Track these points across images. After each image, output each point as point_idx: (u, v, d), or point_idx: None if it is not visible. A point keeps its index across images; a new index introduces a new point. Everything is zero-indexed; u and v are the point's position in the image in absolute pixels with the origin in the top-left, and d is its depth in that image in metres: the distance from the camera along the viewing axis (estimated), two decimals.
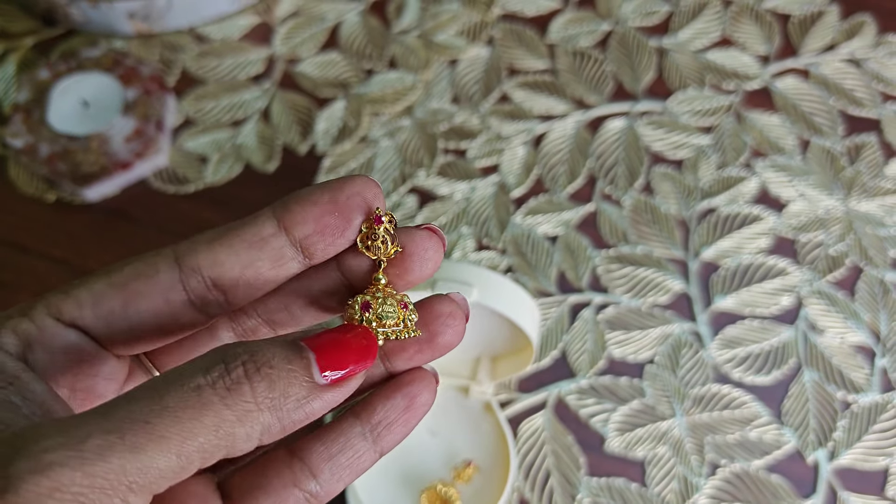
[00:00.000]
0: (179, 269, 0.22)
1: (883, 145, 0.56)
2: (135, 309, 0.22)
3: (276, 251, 0.22)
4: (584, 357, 0.48)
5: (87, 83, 0.55)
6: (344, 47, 0.60)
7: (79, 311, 0.22)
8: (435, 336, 0.24)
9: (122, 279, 0.22)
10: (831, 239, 0.52)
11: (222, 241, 0.22)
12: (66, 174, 0.52)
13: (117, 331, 0.22)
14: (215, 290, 0.23)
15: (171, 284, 0.22)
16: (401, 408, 0.24)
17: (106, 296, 0.22)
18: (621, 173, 0.55)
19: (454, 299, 0.24)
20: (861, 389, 0.47)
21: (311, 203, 0.22)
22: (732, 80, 0.58)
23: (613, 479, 0.45)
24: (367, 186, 0.23)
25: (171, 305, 0.22)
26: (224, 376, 0.19)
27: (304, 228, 0.22)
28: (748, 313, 0.50)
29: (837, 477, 0.45)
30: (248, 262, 0.22)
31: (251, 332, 0.25)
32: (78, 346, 0.22)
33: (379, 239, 0.22)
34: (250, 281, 0.22)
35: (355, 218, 0.22)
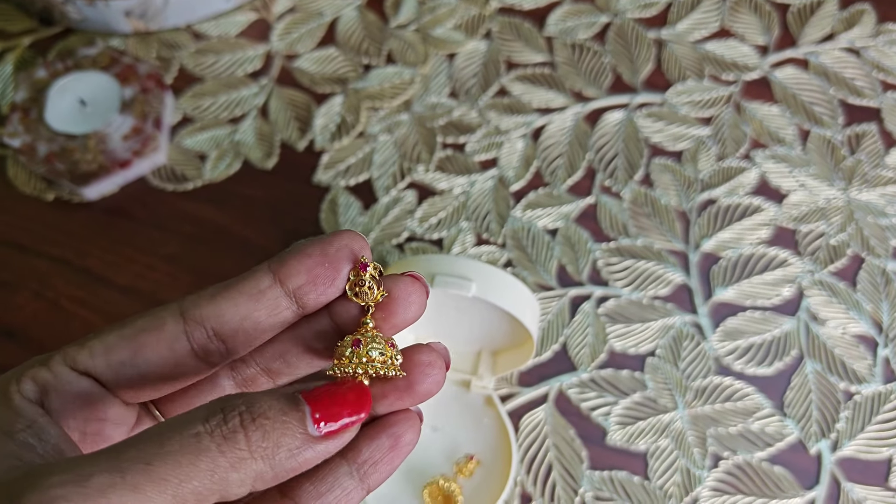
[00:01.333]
0: (184, 321, 0.24)
1: (883, 134, 0.55)
2: (143, 358, 0.24)
3: (273, 302, 0.24)
4: (585, 350, 0.48)
5: (85, 82, 0.54)
6: (341, 42, 0.60)
7: (91, 360, 0.24)
8: (414, 384, 0.25)
9: (131, 332, 0.24)
10: (832, 229, 0.52)
11: (223, 294, 0.24)
12: (65, 173, 0.52)
13: (126, 378, 0.24)
14: (217, 340, 0.24)
15: (176, 335, 0.24)
16: (386, 447, 0.25)
17: (117, 347, 0.24)
18: (621, 166, 0.54)
19: (434, 348, 0.25)
20: (863, 380, 0.47)
21: (304, 256, 0.24)
22: (732, 70, 0.58)
23: (615, 472, 0.45)
24: (353, 239, 0.25)
25: (176, 355, 0.24)
26: (221, 425, 0.21)
27: (298, 279, 0.24)
28: (749, 304, 0.50)
29: (840, 468, 0.45)
30: (247, 312, 0.24)
31: (250, 380, 0.27)
32: (89, 393, 0.24)
33: (366, 285, 0.24)
34: (249, 330, 0.24)
35: (343, 268, 0.25)
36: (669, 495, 0.44)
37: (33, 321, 0.50)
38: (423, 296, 0.25)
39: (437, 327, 0.46)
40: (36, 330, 0.49)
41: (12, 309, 0.50)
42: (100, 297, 0.50)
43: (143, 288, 0.51)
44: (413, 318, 0.26)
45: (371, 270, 0.24)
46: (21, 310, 0.50)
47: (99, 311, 0.50)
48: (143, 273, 0.51)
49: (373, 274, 0.24)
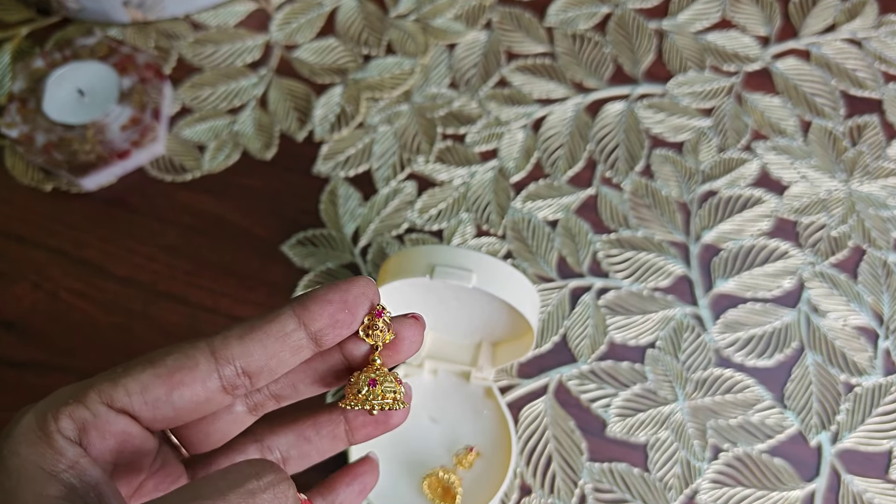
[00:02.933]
0: (216, 360, 0.26)
1: (885, 126, 0.55)
2: (178, 395, 0.26)
3: (296, 343, 0.27)
4: (585, 342, 0.48)
5: (83, 72, 0.54)
6: (341, 33, 0.59)
7: (128, 398, 0.26)
8: (388, 418, 0.30)
9: (166, 371, 0.26)
10: (833, 221, 0.52)
11: (252, 336, 0.27)
12: (63, 163, 0.52)
13: (160, 414, 0.26)
14: (244, 376, 0.27)
15: (209, 374, 0.26)
16: (356, 492, 0.32)
17: (152, 385, 0.26)
18: (621, 157, 0.54)
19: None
20: (864, 372, 0.47)
21: (326, 302, 0.27)
22: (733, 61, 0.58)
23: (615, 463, 0.45)
24: (368, 286, 0.28)
25: (208, 391, 0.26)
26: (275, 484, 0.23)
27: (320, 323, 0.27)
28: (750, 296, 0.50)
29: (840, 460, 0.45)
30: (273, 353, 0.27)
31: (260, 405, 0.30)
32: (126, 430, 0.26)
33: (378, 328, 0.27)
34: (273, 368, 0.27)
35: (360, 313, 0.27)
36: (669, 487, 0.44)
37: (32, 312, 0.50)
38: (421, 333, 0.29)
39: (437, 318, 0.46)
40: (35, 321, 0.49)
41: (11, 300, 0.50)
42: (98, 287, 0.50)
43: (143, 279, 0.50)
44: (413, 353, 0.29)
45: (385, 317, 0.27)
46: (19, 301, 0.50)
47: (98, 302, 0.50)
48: (142, 264, 0.51)
49: (385, 320, 0.27)
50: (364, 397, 0.28)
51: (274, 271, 0.51)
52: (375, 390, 0.27)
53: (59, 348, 0.48)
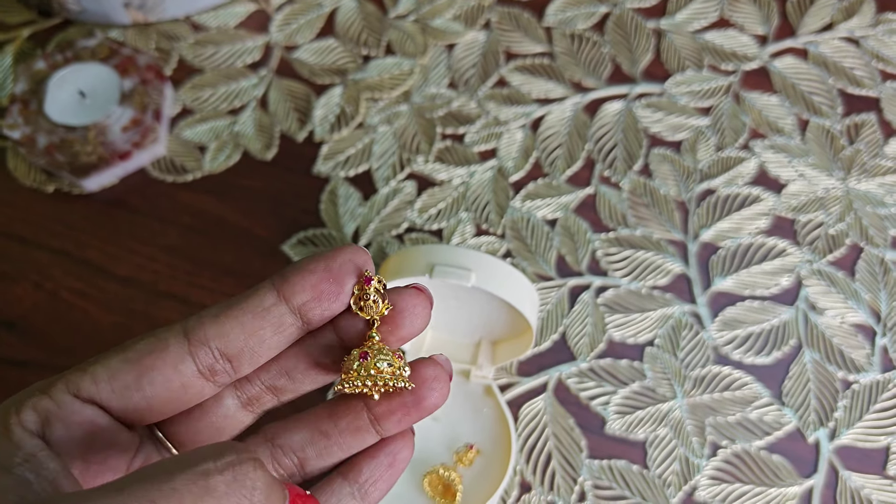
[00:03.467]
0: (188, 341, 0.24)
1: (882, 124, 0.55)
2: (148, 381, 0.24)
3: (277, 319, 0.24)
4: (585, 340, 0.48)
5: (84, 74, 0.54)
6: (340, 33, 0.60)
7: (95, 386, 0.24)
8: (421, 399, 0.25)
9: (135, 355, 0.24)
10: (831, 219, 0.52)
11: (228, 313, 0.24)
12: (65, 165, 0.52)
13: (132, 403, 0.24)
14: (222, 360, 0.24)
15: (181, 356, 0.24)
16: (384, 465, 0.27)
17: (121, 371, 0.24)
18: (620, 156, 0.54)
19: (438, 361, 0.26)
20: (862, 369, 0.47)
21: (307, 272, 0.24)
22: (731, 60, 0.58)
23: (615, 460, 0.45)
24: (356, 253, 0.25)
25: (182, 376, 0.24)
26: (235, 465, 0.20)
27: (302, 296, 0.24)
28: (748, 294, 0.50)
29: (838, 456, 0.45)
30: (252, 330, 0.24)
31: (255, 399, 0.27)
32: (94, 421, 0.24)
33: (370, 299, 0.24)
34: (254, 348, 0.24)
35: (348, 282, 0.25)
36: (668, 484, 0.45)
37: (33, 312, 0.50)
38: (427, 307, 0.26)
39: (437, 317, 0.46)
40: (36, 321, 0.50)
41: (12, 300, 0.50)
42: (100, 288, 0.51)
43: (144, 279, 0.51)
44: (418, 330, 0.26)
45: (375, 284, 0.24)
46: (21, 301, 0.50)
47: (99, 303, 0.50)
48: (143, 264, 0.51)
49: (377, 287, 0.24)
50: (356, 373, 0.24)
51: (274, 271, 0.51)
52: (367, 364, 0.24)
53: (61, 348, 0.49)
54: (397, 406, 0.26)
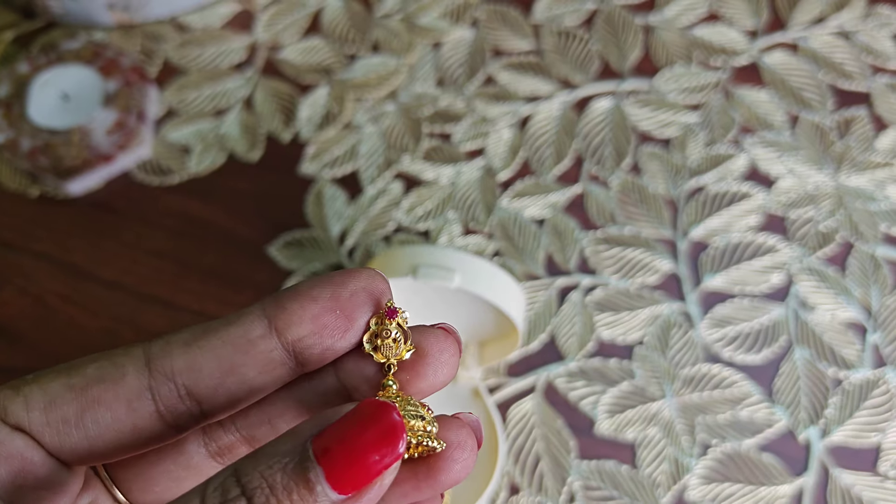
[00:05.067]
0: (149, 373, 0.20)
1: (873, 118, 0.55)
2: (92, 418, 0.20)
3: (265, 356, 0.20)
4: (573, 340, 0.48)
5: (67, 76, 0.54)
6: (326, 33, 0.59)
7: (26, 413, 0.19)
8: (438, 471, 0.19)
9: (82, 381, 0.20)
10: (821, 215, 0.51)
11: (201, 342, 0.20)
12: (49, 168, 0.51)
13: (69, 443, 0.20)
14: (189, 400, 0.20)
15: (138, 392, 0.20)
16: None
17: (61, 399, 0.20)
18: (608, 154, 0.54)
19: (465, 423, 0.20)
20: (853, 366, 0.47)
21: (308, 299, 0.19)
22: (720, 55, 0.57)
23: (604, 461, 0.45)
24: (373, 280, 0.20)
25: (136, 416, 0.20)
26: None
27: (300, 329, 0.19)
28: (738, 292, 0.49)
29: (829, 454, 0.45)
30: (231, 368, 0.20)
31: (227, 450, 0.22)
32: (24, 455, 0.20)
33: (390, 337, 0.20)
34: (232, 390, 0.20)
35: (360, 317, 0.20)
36: (658, 484, 0.44)
37: (19, 317, 0.50)
38: (456, 354, 0.21)
39: (423, 319, 0.46)
40: (21, 326, 0.49)
41: None
42: (85, 292, 0.50)
43: (129, 282, 0.50)
44: (443, 383, 0.21)
45: (399, 320, 0.20)
46: (6, 306, 0.50)
47: (84, 307, 0.50)
48: (128, 268, 0.51)
49: (400, 323, 0.20)
50: None
51: (261, 273, 0.50)
52: None
53: (46, 353, 0.48)
54: (404, 478, 0.19)
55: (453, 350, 0.21)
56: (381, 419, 0.17)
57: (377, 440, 0.17)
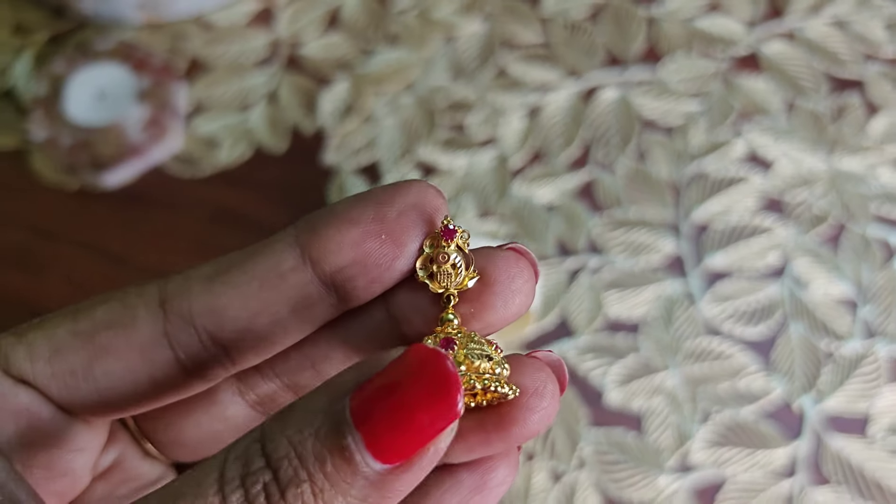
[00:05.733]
0: (165, 316, 0.17)
1: (865, 104, 0.58)
2: (102, 369, 0.17)
3: (299, 290, 0.17)
4: (583, 316, 0.51)
5: (102, 74, 0.57)
6: (345, 28, 0.62)
7: (30, 364, 0.17)
8: (511, 423, 0.16)
9: (89, 326, 0.17)
10: (815, 197, 0.55)
11: (223, 277, 0.17)
12: (87, 163, 0.55)
13: (78, 395, 0.17)
14: (213, 346, 0.17)
15: (152, 338, 0.17)
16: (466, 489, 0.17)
17: (67, 348, 0.17)
18: (614, 141, 0.57)
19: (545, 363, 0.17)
20: (844, 338, 0.50)
21: (348, 223, 0.17)
22: (720, 45, 0.60)
23: (612, 429, 0.49)
24: (425, 193, 0.17)
25: (152, 366, 0.17)
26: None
27: (339, 258, 0.17)
28: (737, 270, 0.53)
29: (821, 420, 0.48)
30: (260, 307, 0.17)
31: (268, 399, 0.19)
32: (30, 410, 0.17)
33: (449, 261, 0.16)
34: (262, 333, 0.17)
35: (411, 240, 0.17)
36: (662, 449, 0.48)
37: (65, 303, 0.53)
38: (531, 281, 0.17)
39: None
40: None
41: (43, 293, 0.53)
42: (125, 279, 0.54)
43: (165, 268, 0.54)
44: (515, 315, 0.17)
45: (459, 241, 0.17)
46: (51, 293, 0.53)
47: None
48: (163, 254, 0.54)
49: (460, 245, 0.17)
50: None
51: None
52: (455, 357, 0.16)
53: None
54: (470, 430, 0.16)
55: (527, 275, 0.17)
56: (432, 370, 0.14)
57: (428, 397, 0.14)
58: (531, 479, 0.47)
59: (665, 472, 0.47)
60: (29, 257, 0.55)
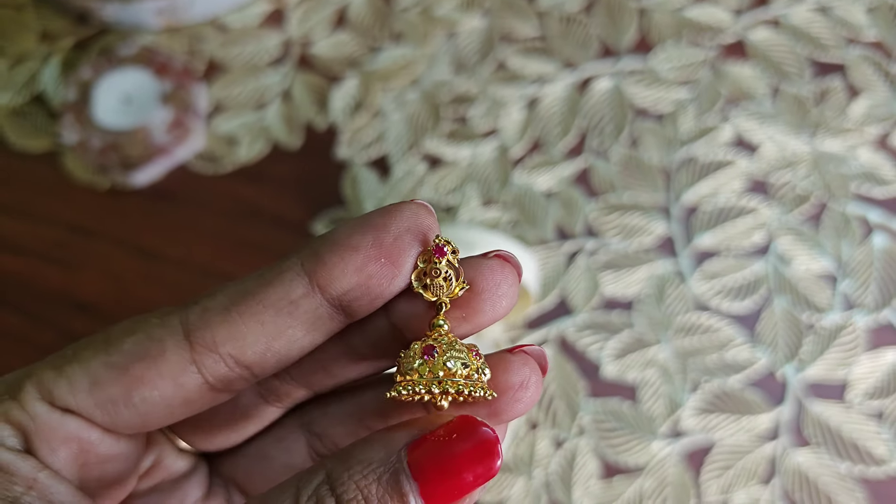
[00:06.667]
0: (191, 346, 0.19)
1: (847, 87, 0.61)
2: (140, 397, 0.19)
3: (311, 314, 0.19)
4: (580, 296, 0.55)
5: (127, 79, 0.61)
6: (352, 27, 0.66)
7: (73, 397, 0.19)
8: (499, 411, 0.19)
9: (122, 359, 0.19)
10: (798, 178, 0.58)
11: (241, 308, 0.19)
12: (116, 164, 0.59)
13: (121, 420, 0.19)
14: (238, 368, 0.19)
15: (182, 367, 0.19)
16: None
17: (104, 380, 0.19)
18: (608, 129, 0.61)
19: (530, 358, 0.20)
20: (824, 310, 0.54)
21: (349, 250, 0.18)
22: (708, 33, 0.64)
23: (609, 399, 0.53)
24: (418, 215, 0.19)
25: (185, 391, 0.19)
26: None
27: (344, 283, 0.18)
28: (725, 249, 0.56)
29: (803, 387, 0.52)
30: (277, 332, 0.19)
31: (285, 395, 0.22)
32: (80, 436, 0.19)
33: (441, 275, 0.19)
34: (281, 353, 0.19)
35: (407, 260, 0.19)
36: (655, 417, 0.52)
37: (101, 295, 0.58)
38: (515, 284, 0.20)
39: None
40: (105, 304, 0.57)
41: (82, 286, 0.58)
42: (157, 271, 0.58)
43: (193, 260, 0.58)
44: (502, 316, 0.20)
45: (449, 257, 0.19)
46: (89, 286, 0.58)
47: (158, 283, 0.58)
48: (192, 248, 0.59)
49: (450, 260, 0.19)
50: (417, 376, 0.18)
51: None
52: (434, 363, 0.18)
53: None
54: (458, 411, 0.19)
55: (511, 280, 0.20)
56: (476, 436, 0.17)
57: (472, 458, 0.17)
58: (535, 447, 0.52)
59: (658, 437, 0.51)
60: (66, 253, 0.59)
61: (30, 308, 0.58)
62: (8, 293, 0.58)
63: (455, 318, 0.19)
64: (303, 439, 0.23)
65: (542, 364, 0.20)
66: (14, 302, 0.58)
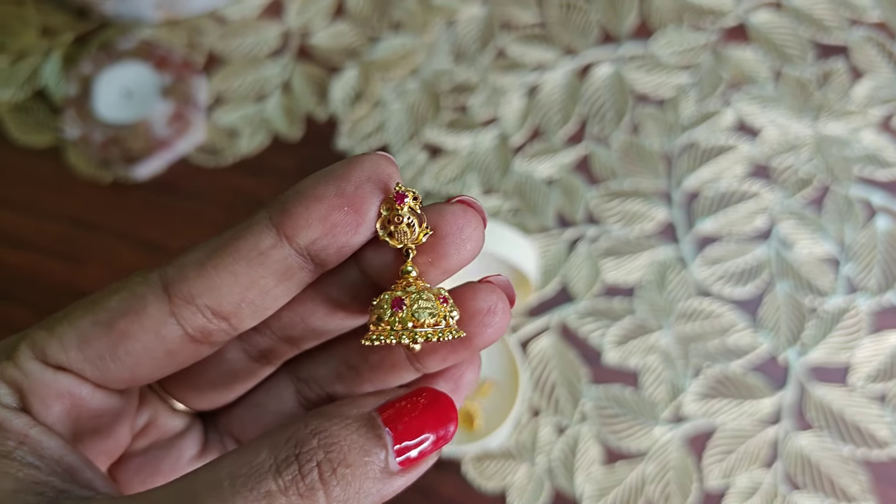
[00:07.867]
0: (169, 299, 0.20)
1: (850, 69, 0.60)
2: (125, 350, 0.20)
3: (280, 264, 0.20)
4: (582, 283, 0.55)
5: (127, 73, 0.61)
6: (351, 17, 0.66)
7: (64, 353, 0.20)
8: (472, 338, 0.20)
9: (107, 316, 0.20)
10: (801, 161, 0.58)
11: (214, 261, 0.20)
12: (119, 157, 0.59)
13: (110, 373, 0.21)
14: (216, 319, 0.20)
15: (162, 319, 0.20)
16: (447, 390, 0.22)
17: (92, 336, 0.20)
18: (609, 115, 0.60)
19: (496, 287, 0.21)
20: (827, 294, 0.54)
21: (313, 200, 0.19)
22: (710, 17, 0.63)
23: (611, 385, 0.53)
24: (378, 164, 0.19)
25: (166, 342, 0.20)
26: (298, 481, 0.17)
27: (309, 233, 0.19)
28: (726, 234, 0.56)
29: (805, 371, 0.52)
30: (249, 282, 0.20)
31: (269, 351, 0.23)
32: (73, 392, 0.21)
33: (403, 222, 0.19)
34: (256, 302, 0.20)
35: (370, 207, 0.19)
36: (657, 402, 0.52)
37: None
38: (479, 227, 0.20)
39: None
40: None
41: (86, 279, 0.58)
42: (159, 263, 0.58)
43: None
44: (468, 259, 0.20)
45: (410, 202, 0.19)
46: (93, 279, 0.58)
47: None
48: (193, 239, 0.58)
49: (412, 206, 0.19)
50: (389, 326, 0.19)
51: None
52: (403, 315, 0.19)
53: None
54: (441, 344, 0.21)
55: (474, 224, 0.20)
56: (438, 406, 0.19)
57: (434, 423, 0.19)
58: (537, 433, 0.52)
59: (660, 423, 0.51)
60: (70, 246, 0.60)
61: (35, 301, 0.58)
62: (13, 287, 0.59)
63: (422, 264, 0.20)
64: (292, 387, 0.24)
65: (509, 293, 0.21)
66: (20, 296, 0.58)
